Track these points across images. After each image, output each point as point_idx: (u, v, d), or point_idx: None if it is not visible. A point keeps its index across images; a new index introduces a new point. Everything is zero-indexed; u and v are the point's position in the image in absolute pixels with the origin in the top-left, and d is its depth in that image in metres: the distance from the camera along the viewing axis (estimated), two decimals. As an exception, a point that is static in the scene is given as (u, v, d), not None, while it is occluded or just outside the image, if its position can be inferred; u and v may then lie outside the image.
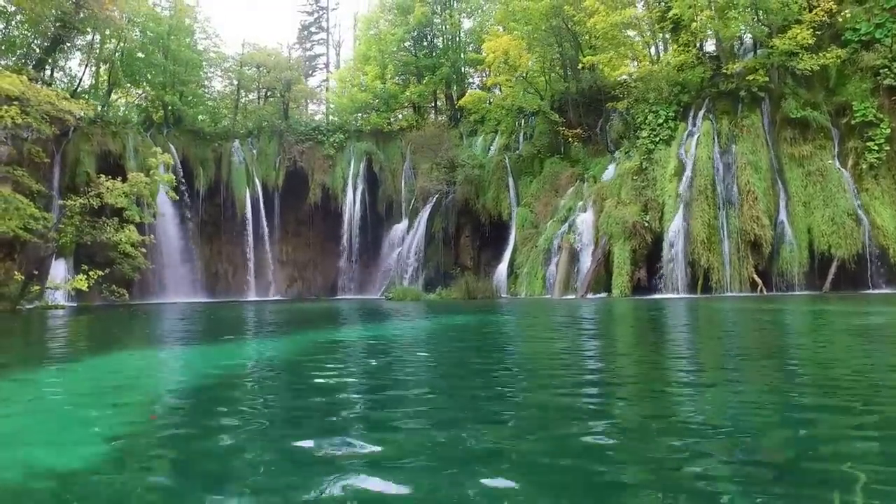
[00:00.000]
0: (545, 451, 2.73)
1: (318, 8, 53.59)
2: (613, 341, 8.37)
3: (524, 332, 10.03)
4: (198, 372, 5.88)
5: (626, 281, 22.93)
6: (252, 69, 40.34)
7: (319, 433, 3.12)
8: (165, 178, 22.90)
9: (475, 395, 4.25)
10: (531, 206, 29.36)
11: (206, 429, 3.32)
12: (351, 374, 5.42)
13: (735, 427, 3.13)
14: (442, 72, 37.60)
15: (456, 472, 2.43)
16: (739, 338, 8.20)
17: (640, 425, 3.26)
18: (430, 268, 32.55)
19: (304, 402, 4.16)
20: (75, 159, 30.96)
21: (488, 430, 3.15)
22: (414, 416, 3.53)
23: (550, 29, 29.10)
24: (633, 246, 23.28)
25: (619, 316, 13.34)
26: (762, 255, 21.38)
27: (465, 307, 18.68)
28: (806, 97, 22.38)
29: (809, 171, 21.58)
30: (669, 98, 24.55)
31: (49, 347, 8.95)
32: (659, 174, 23.76)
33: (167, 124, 36.46)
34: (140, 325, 13.86)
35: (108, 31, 33.45)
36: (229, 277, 38.35)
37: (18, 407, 4.19)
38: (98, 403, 4.22)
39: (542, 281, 26.09)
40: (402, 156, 38.11)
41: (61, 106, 20.45)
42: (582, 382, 4.72)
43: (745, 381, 4.61)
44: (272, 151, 38.45)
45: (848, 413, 3.42)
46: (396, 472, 2.41)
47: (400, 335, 9.84)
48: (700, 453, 2.66)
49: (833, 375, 4.79)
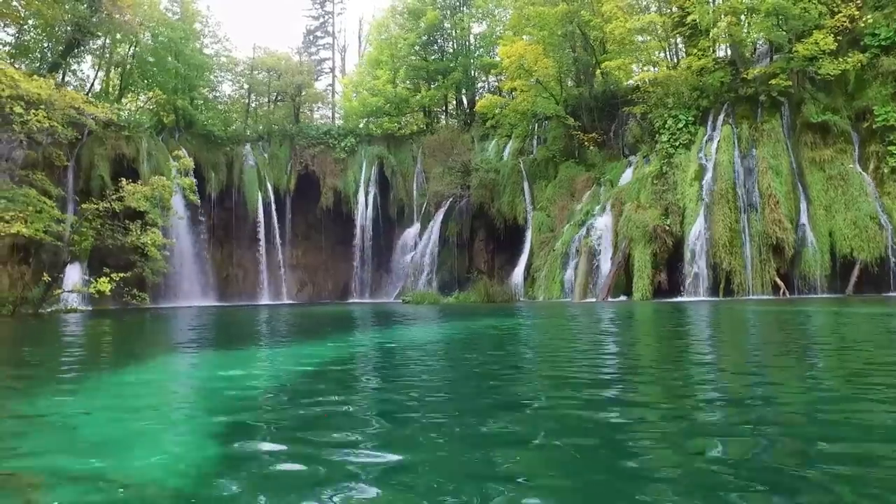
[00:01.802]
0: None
1: (323, 13, 53.78)
2: (668, 345, 8.26)
3: (569, 336, 10.04)
4: (303, 368, 5.90)
5: (647, 284, 23.02)
6: (262, 73, 40.42)
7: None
8: (186, 182, 22.88)
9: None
10: (547, 210, 29.45)
11: (365, 420, 3.35)
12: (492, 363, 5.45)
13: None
14: (454, 76, 37.73)
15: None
16: (807, 339, 8.24)
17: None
18: (443, 272, 32.57)
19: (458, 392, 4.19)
20: (90, 163, 30.95)
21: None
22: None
23: (565, 34, 29.29)
24: (653, 249, 23.38)
25: (652, 319, 13.35)
26: (784, 258, 21.50)
27: (488, 310, 18.73)
28: (825, 102, 22.58)
29: (830, 175, 21.74)
30: (689, 103, 24.73)
31: (127, 349, 8.94)
32: (679, 178, 23.89)
33: (178, 128, 36.46)
34: (182, 327, 13.84)
35: (119, 35, 33.49)
36: (239, 281, 38.31)
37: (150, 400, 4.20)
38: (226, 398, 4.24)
39: (560, 284, 26.15)
40: (413, 160, 38.21)
41: (86, 110, 20.44)
42: (679, 394, 4.47)
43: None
44: (283, 155, 38.50)
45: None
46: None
47: (454, 336, 9.88)
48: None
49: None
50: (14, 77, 17.99)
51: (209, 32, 38.53)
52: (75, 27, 29.95)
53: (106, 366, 6.94)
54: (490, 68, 39.33)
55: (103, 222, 22.63)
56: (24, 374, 6.26)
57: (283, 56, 40.70)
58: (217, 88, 40.58)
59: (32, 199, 20.25)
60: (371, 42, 44.04)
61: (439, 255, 32.78)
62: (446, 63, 39.40)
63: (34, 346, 9.50)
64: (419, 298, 27.51)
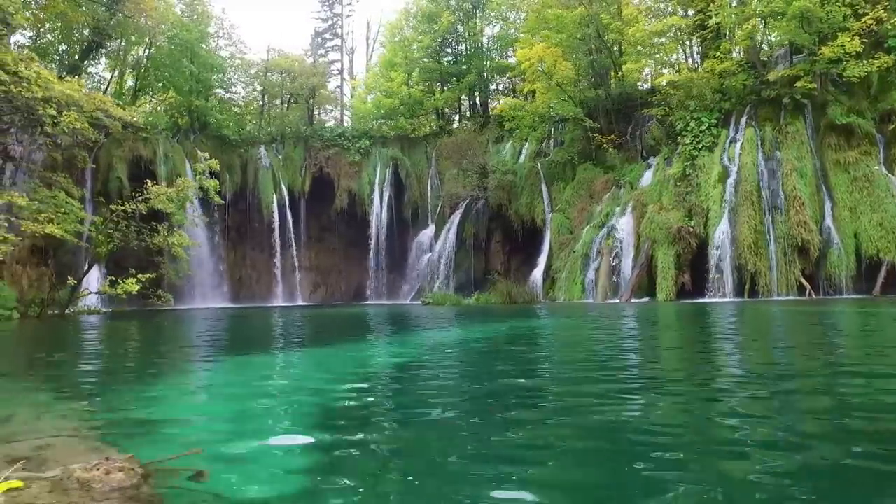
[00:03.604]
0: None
1: (332, 15, 53.90)
2: (706, 346, 8.01)
3: (612, 335, 10.11)
4: (371, 368, 5.98)
5: (671, 285, 23.14)
6: (276, 75, 40.47)
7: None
8: (211, 183, 22.90)
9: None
10: (566, 211, 29.55)
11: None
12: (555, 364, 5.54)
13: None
14: (468, 79, 37.86)
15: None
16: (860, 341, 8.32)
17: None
18: (460, 273, 32.66)
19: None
20: (108, 165, 31.00)
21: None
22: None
23: (583, 37, 29.44)
24: (677, 251, 23.50)
25: (683, 319, 13.36)
26: (809, 259, 21.65)
27: (515, 311, 18.80)
28: (849, 104, 22.75)
29: (855, 177, 21.90)
30: (711, 105, 24.89)
31: (195, 349, 8.99)
32: (703, 180, 24.04)
33: (193, 130, 36.48)
34: (219, 328, 13.89)
35: (134, 37, 33.53)
36: (252, 283, 38.31)
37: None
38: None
39: (581, 286, 26.25)
40: (427, 161, 38.29)
41: (115, 112, 20.47)
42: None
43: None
44: (298, 157, 38.53)
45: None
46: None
47: (496, 335, 9.98)
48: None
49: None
50: (49, 79, 18.01)
51: (224, 34, 38.63)
52: (94, 30, 29.99)
53: (223, 355, 6.99)
54: (504, 70, 39.47)
55: (128, 224, 22.63)
56: (155, 362, 6.35)
57: (296, 58, 40.80)
58: (231, 90, 40.61)
59: (62, 201, 20.26)
60: (385, 44, 44.15)
61: (456, 257, 32.88)
62: (459, 66, 39.54)
63: (117, 345, 9.55)
64: (440, 300, 27.58)
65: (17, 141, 25.25)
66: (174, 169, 32.84)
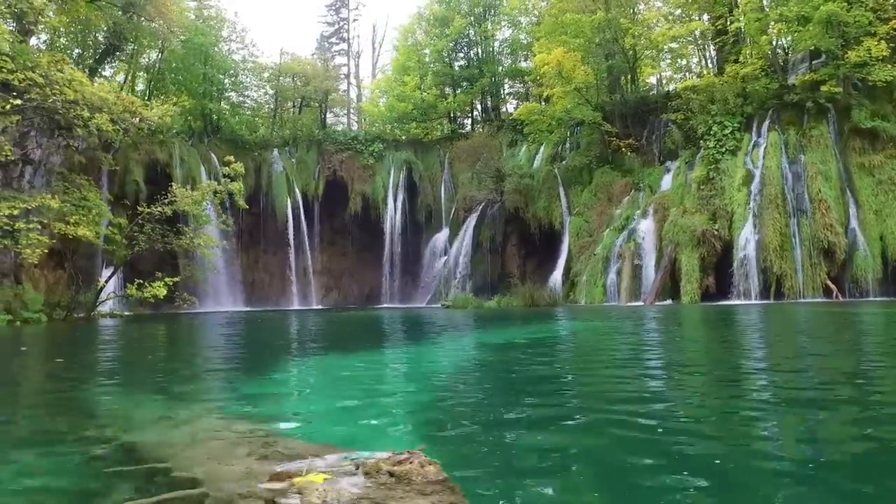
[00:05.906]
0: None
1: (338, 19, 54.04)
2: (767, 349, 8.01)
3: (666, 339, 10.14)
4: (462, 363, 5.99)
5: (695, 288, 23.21)
6: (288, 79, 40.48)
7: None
8: (236, 186, 22.89)
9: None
10: (584, 215, 29.62)
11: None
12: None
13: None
14: (482, 83, 37.98)
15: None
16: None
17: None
18: (476, 276, 32.67)
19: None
20: (124, 168, 30.87)
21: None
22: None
23: (601, 42, 29.59)
24: (701, 253, 23.58)
25: (719, 322, 13.26)
26: (835, 262, 21.77)
27: (541, 314, 18.78)
28: (873, 108, 22.94)
29: (880, 181, 22.08)
30: (733, 109, 25.05)
31: (279, 349, 8.97)
32: (727, 183, 24.16)
33: (207, 133, 36.44)
34: (278, 329, 13.85)
35: (146, 40, 33.47)
36: (266, 286, 38.23)
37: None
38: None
39: (603, 288, 26.29)
40: (440, 165, 38.36)
41: (144, 114, 20.45)
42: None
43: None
44: (311, 161, 38.54)
45: None
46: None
47: (550, 336, 10.01)
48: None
49: None
50: (82, 81, 17.97)
51: (237, 37, 38.65)
52: (112, 33, 29.94)
53: (313, 354, 6.96)
54: (517, 74, 39.60)
55: (153, 227, 22.60)
56: (260, 359, 6.32)
57: (309, 62, 40.83)
58: (244, 93, 40.61)
59: (93, 204, 20.22)
60: (397, 48, 44.23)
61: (472, 260, 32.90)
62: (472, 70, 39.66)
63: (186, 346, 9.52)
64: (461, 303, 27.56)
65: (37, 144, 25.18)
66: (189, 172, 32.82)
